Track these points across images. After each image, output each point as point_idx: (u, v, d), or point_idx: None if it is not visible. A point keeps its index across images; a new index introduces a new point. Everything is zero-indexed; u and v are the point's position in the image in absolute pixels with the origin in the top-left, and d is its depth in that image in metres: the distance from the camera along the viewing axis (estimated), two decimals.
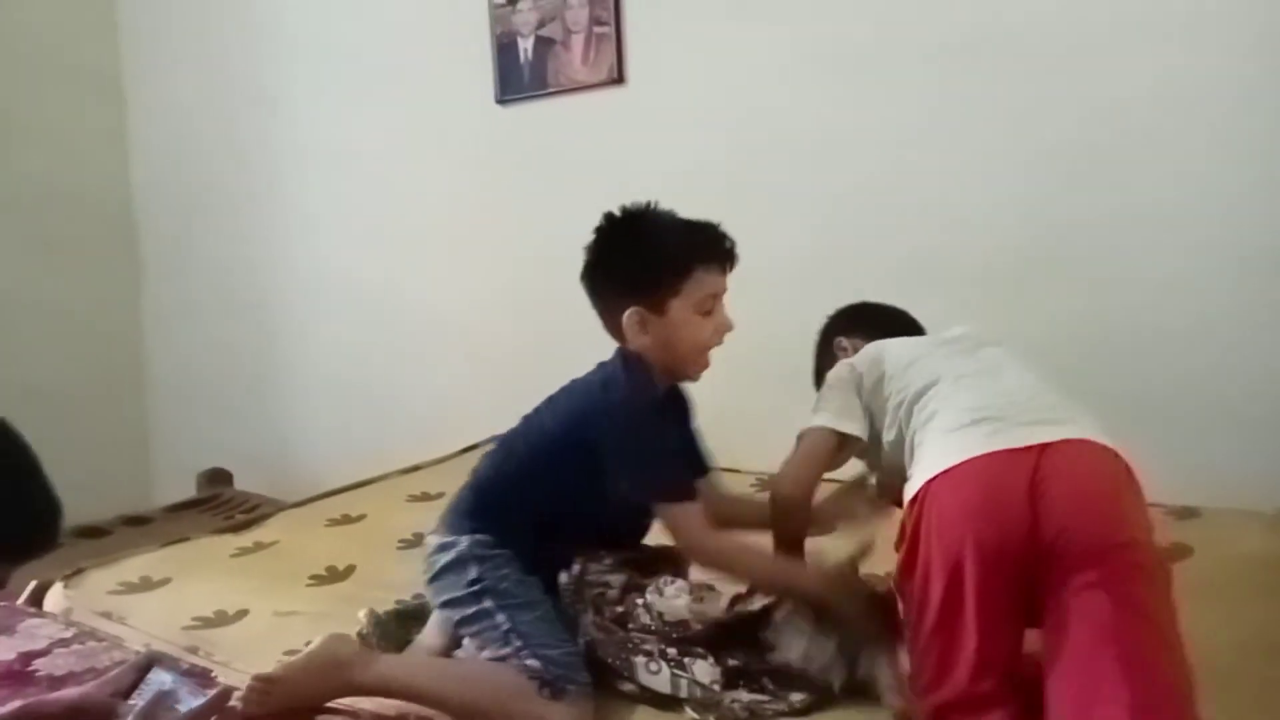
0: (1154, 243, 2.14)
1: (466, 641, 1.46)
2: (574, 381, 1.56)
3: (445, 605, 1.46)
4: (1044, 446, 1.23)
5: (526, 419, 1.57)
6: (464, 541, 1.45)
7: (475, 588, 1.41)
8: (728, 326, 1.50)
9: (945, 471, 1.25)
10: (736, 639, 1.40)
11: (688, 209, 1.53)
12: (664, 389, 1.55)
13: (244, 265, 3.62)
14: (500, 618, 1.38)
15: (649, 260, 1.47)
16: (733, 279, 1.53)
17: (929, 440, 1.34)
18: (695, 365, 1.52)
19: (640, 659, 1.35)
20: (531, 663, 1.33)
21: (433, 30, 3.10)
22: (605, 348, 1.58)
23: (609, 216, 1.51)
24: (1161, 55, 2.10)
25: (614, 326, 1.50)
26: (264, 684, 1.30)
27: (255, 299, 3.62)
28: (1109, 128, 2.17)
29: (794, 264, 2.46)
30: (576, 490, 1.44)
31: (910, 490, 1.30)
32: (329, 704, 1.35)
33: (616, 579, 1.45)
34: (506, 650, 1.35)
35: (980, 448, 1.25)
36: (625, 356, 1.50)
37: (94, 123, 3.81)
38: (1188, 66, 2.08)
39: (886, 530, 1.37)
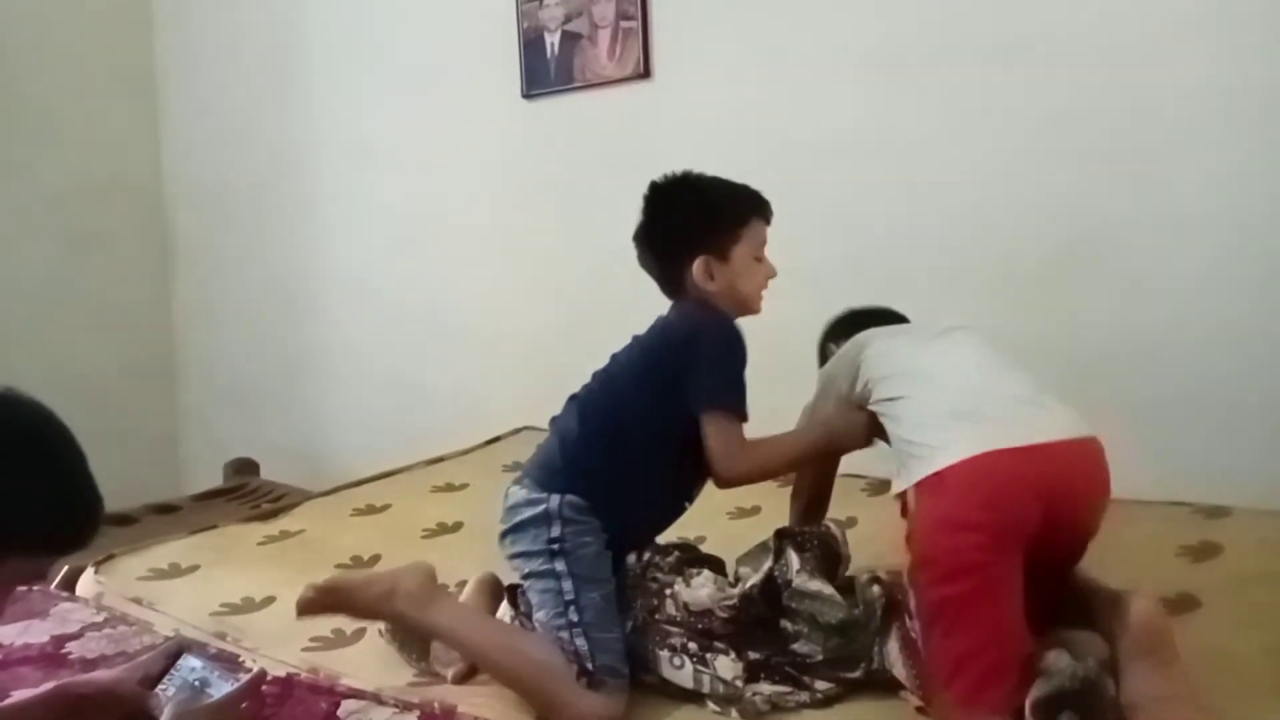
0: (1182, 245, 2.11)
1: (504, 607, 1.48)
2: (636, 337, 1.58)
3: (516, 556, 1.46)
4: (1044, 447, 1.30)
5: (605, 371, 1.58)
6: (555, 500, 1.44)
7: (554, 546, 1.41)
8: (774, 272, 1.59)
9: (950, 467, 1.28)
10: (759, 632, 1.40)
11: None
12: None
13: (273, 258, 3.65)
14: (567, 584, 1.39)
15: (713, 211, 1.55)
16: None
17: (914, 428, 1.38)
18: (754, 306, 1.59)
19: (665, 653, 1.36)
20: (580, 643, 1.34)
21: (460, 25, 3.11)
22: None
23: (655, 184, 1.58)
24: (1194, 60, 2.07)
25: (674, 279, 1.56)
26: (317, 593, 1.41)
27: (283, 291, 3.65)
28: (1138, 132, 2.14)
29: (818, 261, 2.44)
30: (660, 440, 1.47)
31: (906, 484, 1.34)
32: (354, 687, 1.37)
33: (668, 578, 1.47)
34: (560, 621, 1.36)
35: (977, 446, 1.28)
36: (697, 300, 1.54)
37: (127, 118, 3.85)
38: (1220, 71, 2.05)
39: (897, 532, 1.39)
